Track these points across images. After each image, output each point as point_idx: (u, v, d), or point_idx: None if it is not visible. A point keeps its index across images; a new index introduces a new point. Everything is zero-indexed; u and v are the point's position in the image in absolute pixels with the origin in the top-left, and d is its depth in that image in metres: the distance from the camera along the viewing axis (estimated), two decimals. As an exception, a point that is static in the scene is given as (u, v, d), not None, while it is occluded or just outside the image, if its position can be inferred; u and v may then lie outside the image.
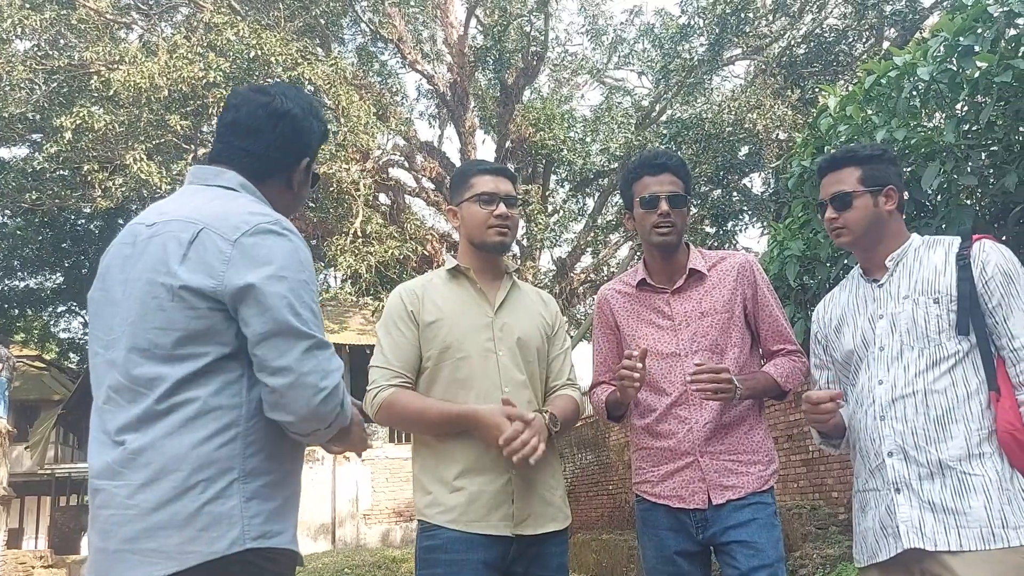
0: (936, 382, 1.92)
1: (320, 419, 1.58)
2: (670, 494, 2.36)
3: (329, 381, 1.57)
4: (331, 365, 1.59)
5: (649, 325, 2.45)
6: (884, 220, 2.08)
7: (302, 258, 1.62)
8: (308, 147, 1.80)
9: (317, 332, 1.58)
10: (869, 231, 2.09)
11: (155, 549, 1.47)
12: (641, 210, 2.43)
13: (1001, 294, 1.91)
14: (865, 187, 2.08)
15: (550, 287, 16.87)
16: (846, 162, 2.12)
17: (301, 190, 1.84)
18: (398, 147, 16.66)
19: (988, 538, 1.79)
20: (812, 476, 8.66)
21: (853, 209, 2.08)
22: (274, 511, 1.59)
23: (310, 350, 1.55)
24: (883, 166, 2.10)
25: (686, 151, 15.62)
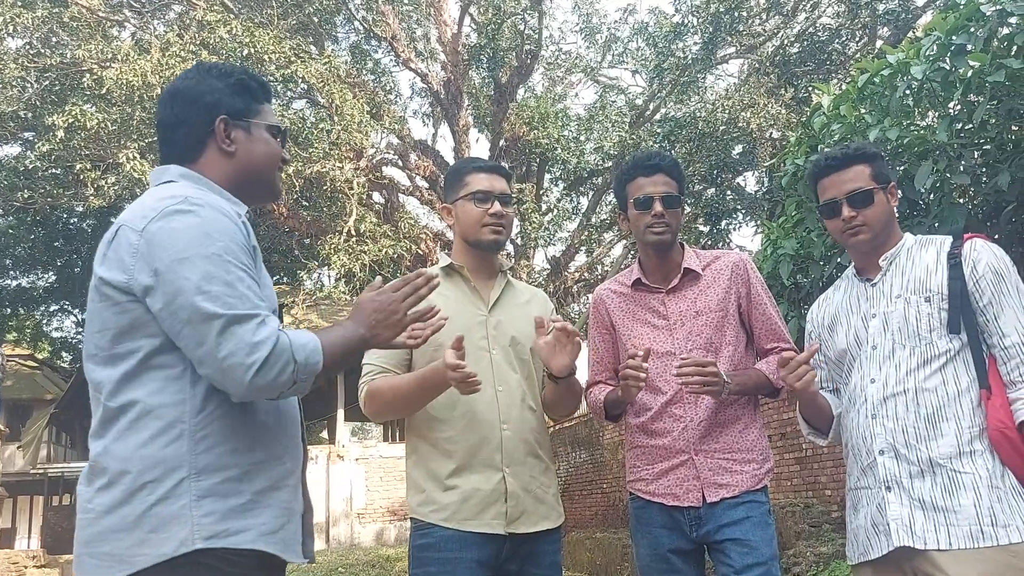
0: (927, 380, 1.92)
1: (271, 389, 1.49)
2: (664, 492, 2.36)
3: (257, 354, 1.46)
4: (256, 336, 1.47)
5: (644, 325, 2.46)
6: (893, 217, 2.08)
7: (210, 230, 1.52)
8: (214, 106, 1.69)
9: (233, 307, 1.47)
10: (885, 228, 2.07)
11: (108, 552, 1.46)
12: (635, 211, 2.44)
13: (992, 292, 1.91)
14: (877, 184, 2.06)
15: (544, 286, 16.86)
16: (856, 159, 2.07)
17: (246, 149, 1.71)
18: (392, 146, 16.65)
19: (978, 536, 1.79)
20: (805, 474, 8.68)
21: (874, 205, 2.04)
22: (235, 508, 1.51)
23: (225, 329, 1.46)
24: (882, 163, 2.12)
25: (680, 150, 15.63)
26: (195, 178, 1.67)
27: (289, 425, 1.68)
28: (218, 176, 1.69)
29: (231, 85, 1.72)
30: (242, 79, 1.74)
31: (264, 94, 1.78)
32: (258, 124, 1.74)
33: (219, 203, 1.60)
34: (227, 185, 1.70)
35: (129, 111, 12.03)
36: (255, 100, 1.75)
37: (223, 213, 1.57)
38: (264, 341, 1.47)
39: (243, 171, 1.71)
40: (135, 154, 11.90)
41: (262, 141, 1.74)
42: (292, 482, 1.65)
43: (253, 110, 1.74)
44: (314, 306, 16.44)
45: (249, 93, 1.74)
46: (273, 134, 1.76)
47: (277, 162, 1.78)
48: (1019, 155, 5.73)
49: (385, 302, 1.66)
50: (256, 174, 1.74)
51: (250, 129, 1.73)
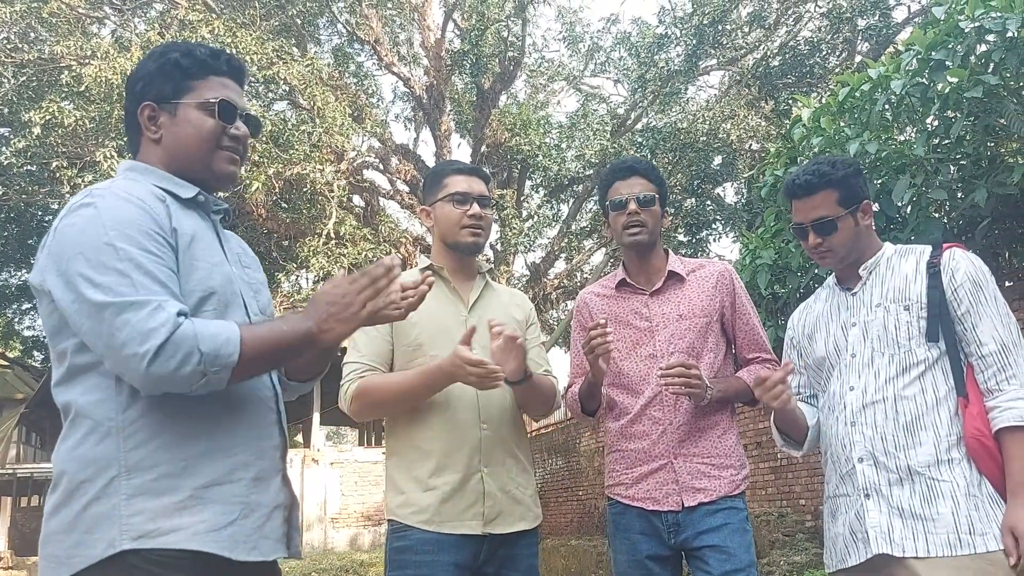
0: (906, 388, 1.94)
1: (173, 381, 1.40)
2: (644, 496, 2.37)
3: (150, 342, 1.37)
4: (150, 323, 1.38)
5: (627, 327, 2.48)
6: (864, 235, 2.10)
7: (105, 219, 1.45)
8: (141, 95, 1.64)
9: (123, 294, 1.40)
10: (851, 251, 2.10)
11: (52, 554, 1.45)
12: (613, 213, 2.49)
13: (970, 301, 1.93)
14: (845, 208, 2.07)
15: (523, 292, 16.85)
16: (821, 185, 2.08)
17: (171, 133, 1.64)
18: (373, 149, 16.58)
19: (955, 544, 1.81)
20: (780, 483, 8.72)
21: (838, 232, 2.07)
22: (170, 506, 1.44)
23: (116, 317, 1.38)
24: (854, 181, 2.10)
25: (661, 160, 15.71)
26: (141, 168, 1.64)
27: (250, 413, 1.60)
28: (157, 164, 1.65)
29: (160, 67, 1.65)
30: (172, 58, 1.65)
31: (200, 69, 1.67)
32: (186, 104, 1.64)
33: (127, 189, 1.53)
34: (169, 172, 1.65)
35: (108, 109, 11.88)
36: (187, 78, 1.65)
37: (127, 199, 1.51)
38: (158, 328, 1.38)
39: (172, 157, 1.65)
40: (113, 152, 11.75)
41: (188, 122, 1.64)
42: (250, 474, 1.55)
43: (182, 89, 1.64)
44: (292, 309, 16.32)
45: (180, 72, 1.65)
46: (208, 112, 1.65)
47: (211, 141, 1.66)
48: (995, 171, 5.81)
49: (340, 295, 1.56)
50: (185, 158, 1.65)
51: (176, 112, 1.64)
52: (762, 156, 14.16)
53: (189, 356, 1.39)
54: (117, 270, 1.41)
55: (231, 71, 1.72)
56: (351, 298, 1.57)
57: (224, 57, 1.71)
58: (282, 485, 1.65)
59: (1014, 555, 1.76)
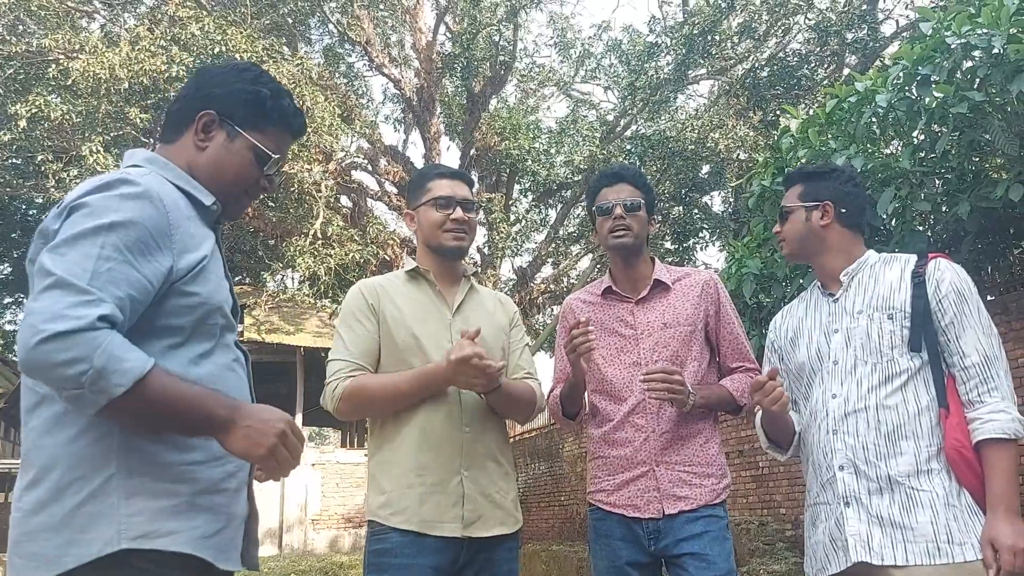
0: (888, 398, 1.94)
1: (49, 372, 1.31)
2: (625, 503, 2.38)
3: (54, 325, 1.29)
4: (66, 309, 1.31)
5: (612, 334, 2.48)
6: (818, 234, 2.14)
7: (118, 205, 1.43)
8: (214, 99, 1.64)
9: (72, 274, 1.35)
10: (803, 244, 2.17)
11: (35, 553, 1.40)
12: (600, 217, 2.51)
13: (954, 312, 1.94)
14: (801, 202, 2.16)
15: (510, 296, 16.86)
16: (794, 179, 2.24)
17: (218, 153, 1.63)
18: (362, 150, 16.56)
19: (934, 553, 1.82)
20: (761, 492, 8.75)
21: (789, 223, 2.19)
22: (168, 509, 1.44)
23: (48, 290, 1.33)
24: (824, 183, 2.16)
25: (649, 167, 15.76)
26: (161, 163, 1.61)
27: None
28: (185, 163, 1.64)
29: (246, 91, 1.65)
30: (260, 92, 1.66)
31: (282, 121, 1.70)
32: (247, 139, 1.66)
33: (147, 182, 1.50)
34: (195, 176, 1.64)
35: (95, 104, 11.81)
36: (263, 119, 1.67)
37: (139, 194, 1.47)
38: (70, 318, 1.31)
39: (206, 172, 1.65)
40: (99, 147, 11.68)
41: (239, 156, 1.66)
42: (234, 484, 1.57)
43: (253, 125, 1.66)
44: (276, 308, 16.26)
45: (260, 108, 1.66)
46: (259, 159, 1.67)
47: (246, 186, 1.69)
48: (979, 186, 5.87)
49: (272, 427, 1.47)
50: (214, 182, 1.65)
51: (235, 138, 1.65)
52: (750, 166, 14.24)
53: (78, 360, 1.30)
54: (83, 252, 1.38)
55: (297, 133, 1.76)
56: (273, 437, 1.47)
57: (301, 121, 1.75)
58: (247, 497, 1.65)
59: (992, 567, 1.78)
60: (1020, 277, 6.74)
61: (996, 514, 1.81)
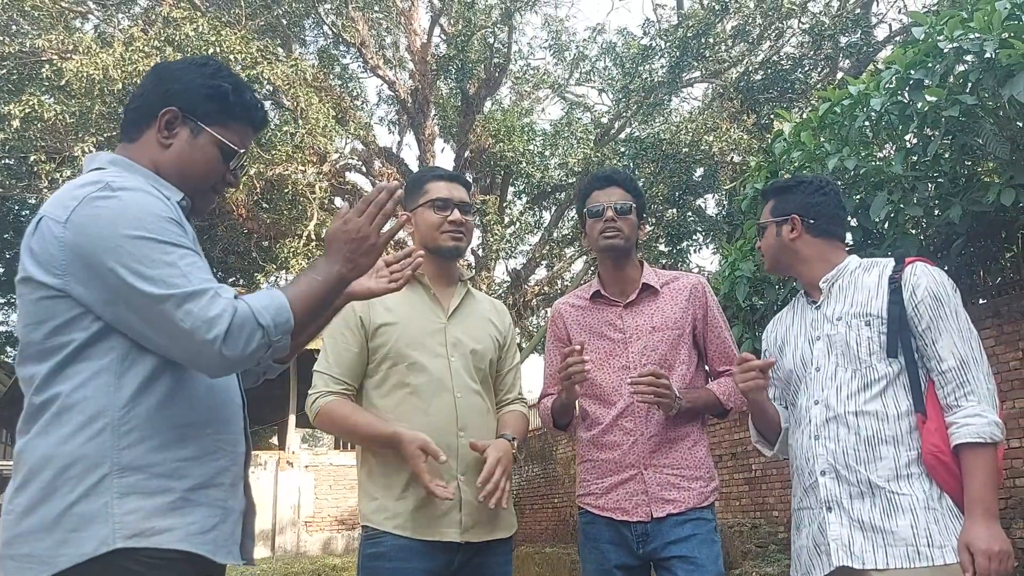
0: (867, 404, 1.96)
1: (245, 360, 1.44)
2: (614, 507, 2.38)
3: (217, 329, 1.40)
4: (210, 311, 1.40)
5: (601, 338, 2.49)
6: (789, 248, 2.16)
7: (137, 212, 1.44)
8: (174, 95, 1.61)
9: (179, 285, 1.41)
10: (778, 258, 2.22)
11: (28, 554, 1.40)
12: (590, 220, 2.52)
13: (931, 317, 1.94)
14: (772, 217, 2.20)
15: (504, 298, 16.87)
16: (767, 195, 2.27)
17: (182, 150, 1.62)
18: (356, 151, 16.55)
19: (914, 557, 1.83)
20: (754, 495, 8.77)
21: (764, 237, 2.23)
22: (163, 506, 1.44)
23: (178, 309, 1.40)
24: (791, 197, 2.19)
25: (644, 170, 15.78)
26: (125, 164, 1.60)
27: (228, 419, 1.61)
28: (150, 162, 1.62)
29: (207, 86, 1.63)
30: (221, 86, 1.64)
31: (245, 114, 1.68)
32: (211, 135, 1.64)
33: (138, 186, 1.51)
34: (160, 174, 1.62)
35: (88, 104, 11.77)
36: (226, 113, 1.65)
37: (148, 192, 1.50)
38: (221, 315, 1.41)
39: (172, 170, 1.63)
40: (92, 148, 11.65)
41: (203, 152, 1.64)
42: (228, 479, 1.58)
43: (216, 120, 1.64)
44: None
45: (222, 103, 1.64)
46: (224, 155, 1.66)
47: (213, 182, 1.67)
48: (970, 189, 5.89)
49: (354, 229, 1.60)
50: (183, 180, 1.64)
51: (199, 134, 1.63)
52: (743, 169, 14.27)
53: (253, 333, 1.43)
54: (165, 262, 1.42)
55: (259, 126, 1.75)
56: (365, 230, 1.61)
57: (263, 114, 1.76)
58: (244, 491, 1.66)
59: (969, 570, 1.79)
60: (1012, 280, 6.77)
61: (973, 518, 1.82)
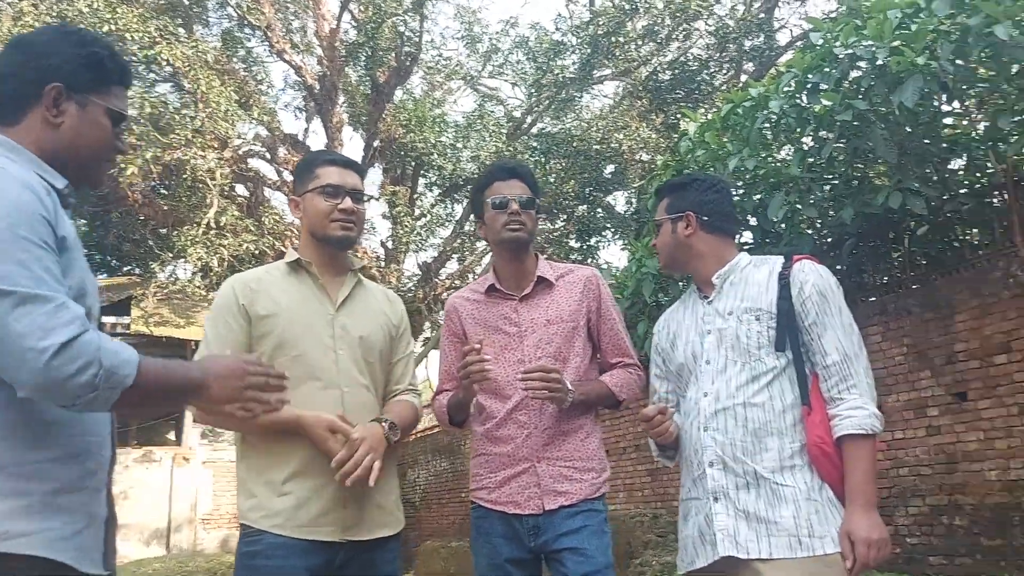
0: (755, 396, 2.00)
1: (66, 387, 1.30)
2: (506, 500, 2.38)
3: (52, 339, 1.29)
4: (52, 321, 1.30)
5: (496, 331, 2.48)
6: (684, 244, 2.20)
7: (4, 203, 1.36)
8: (53, 71, 1.54)
9: (25, 286, 1.31)
10: (672, 254, 2.24)
11: None
12: (492, 211, 2.49)
13: (816, 313, 2.00)
14: (667, 214, 2.23)
15: (414, 291, 16.72)
16: (662, 193, 2.31)
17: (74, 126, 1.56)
18: (260, 137, 16.07)
19: (795, 546, 1.88)
20: (656, 485, 8.95)
21: (660, 235, 2.27)
22: (18, 509, 1.35)
23: (15, 309, 1.29)
24: (686, 194, 2.23)
25: (555, 166, 15.89)
26: (12, 147, 1.50)
27: (93, 421, 1.51)
28: (35, 145, 1.53)
29: (83, 55, 1.57)
30: (97, 53, 1.59)
31: (120, 77, 1.64)
32: (97, 104, 1.59)
33: (20, 173, 1.43)
34: (46, 157, 1.53)
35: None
36: (105, 80, 1.60)
37: (23, 184, 1.40)
38: (60, 327, 1.31)
39: (65, 148, 1.56)
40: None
41: (96, 124, 1.59)
42: (94, 484, 1.49)
43: (99, 89, 1.59)
44: (166, 300, 15.62)
45: (101, 70, 1.60)
46: (113, 120, 1.62)
47: (107, 151, 1.63)
48: (862, 192, 6.12)
49: (237, 368, 1.58)
50: (77, 155, 1.58)
51: (86, 106, 1.58)
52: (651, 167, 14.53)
53: (88, 365, 1.32)
54: (17, 260, 1.32)
55: (129, 85, 1.71)
56: (245, 379, 1.57)
57: (129, 69, 1.71)
58: (107, 499, 1.56)
59: (849, 559, 1.85)
60: (898, 279, 7.08)
61: (854, 508, 1.89)
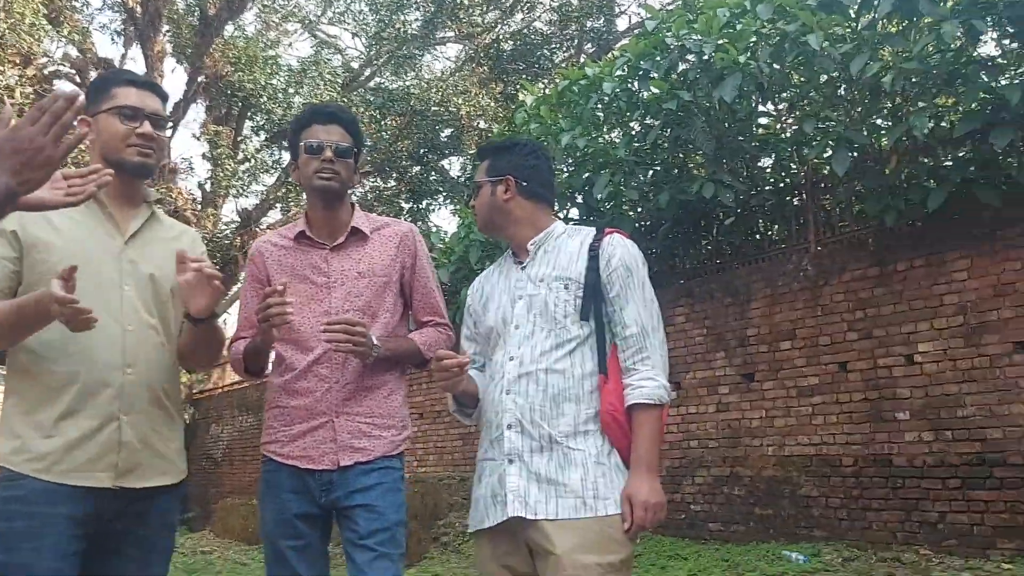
0: (558, 363, 2.06)
1: None
2: (299, 454, 2.31)
3: None
4: None
5: (303, 281, 2.38)
6: (502, 208, 2.21)
7: None
8: None
9: None
10: (491, 217, 2.24)
11: None
12: (306, 155, 2.37)
13: (621, 285, 2.09)
14: (487, 177, 2.23)
15: (231, 238, 15.98)
16: (483, 154, 2.31)
17: None
18: (69, 58, 14.69)
19: (580, 508, 1.96)
20: (467, 450, 9.11)
21: (479, 196, 2.25)
22: None
23: None
24: (507, 157, 2.25)
25: (391, 123, 15.62)
26: None
27: None
28: None
29: None
30: None
31: None
32: None
33: None
34: None
35: None
36: None
37: None
38: None
39: None
40: None
41: None
42: None
43: None
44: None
45: None
46: None
47: None
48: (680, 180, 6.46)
49: (25, 138, 1.37)
50: None
51: None
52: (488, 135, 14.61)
53: None
54: None
55: None
56: (40, 140, 1.37)
57: None
58: None
59: (628, 520, 1.96)
60: (705, 266, 7.55)
61: (637, 472, 1.99)
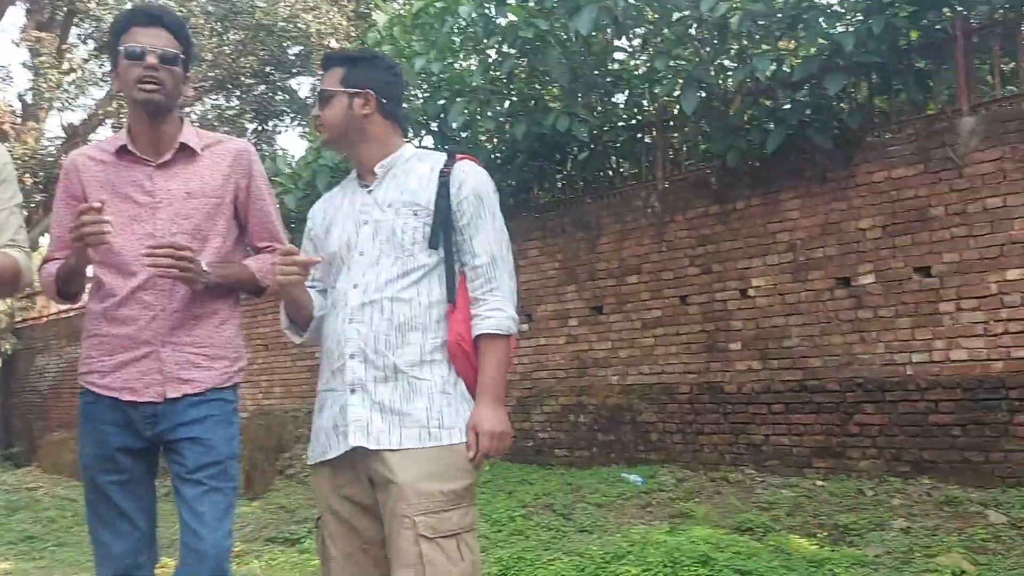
0: (404, 291, 2.01)
1: None
2: (121, 386, 2.16)
3: None
4: None
5: (125, 200, 2.19)
6: (360, 123, 2.10)
7: None
8: None
9: None
10: (345, 132, 2.11)
11: None
12: (126, 61, 2.15)
13: (471, 214, 2.05)
14: (343, 87, 2.10)
15: (55, 155, 14.71)
16: (335, 62, 2.14)
17: None
18: None
19: (425, 438, 1.94)
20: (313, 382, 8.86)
21: (330, 107, 2.10)
22: None
23: None
24: (368, 71, 2.12)
25: (233, 37, 14.70)
26: None
27: None
28: None
29: None
30: None
31: None
32: None
33: None
34: None
35: None
36: None
37: None
38: None
39: None
40: None
41: None
42: None
43: None
44: None
45: None
46: None
47: None
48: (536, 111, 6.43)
49: None
50: None
51: None
52: (339, 56, 13.98)
53: None
54: None
55: None
56: None
57: None
58: None
59: (473, 449, 1.96)
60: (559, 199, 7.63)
61: (483, 402, 1.99)
